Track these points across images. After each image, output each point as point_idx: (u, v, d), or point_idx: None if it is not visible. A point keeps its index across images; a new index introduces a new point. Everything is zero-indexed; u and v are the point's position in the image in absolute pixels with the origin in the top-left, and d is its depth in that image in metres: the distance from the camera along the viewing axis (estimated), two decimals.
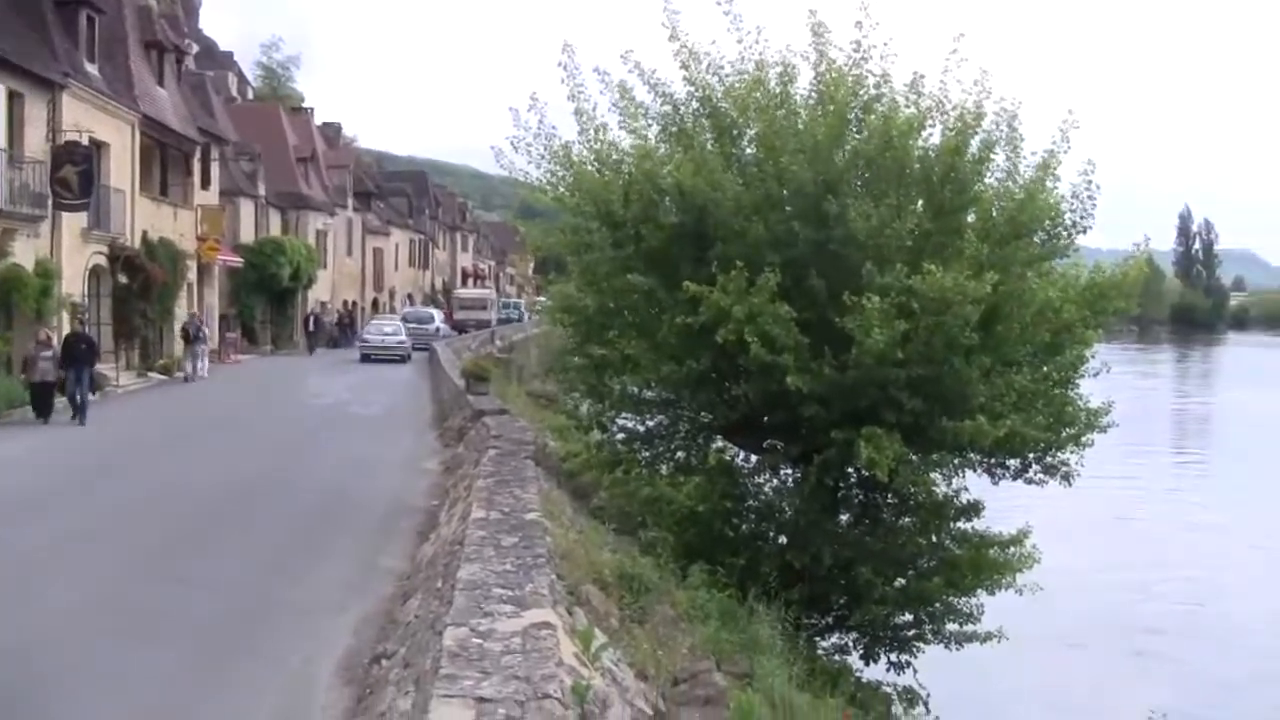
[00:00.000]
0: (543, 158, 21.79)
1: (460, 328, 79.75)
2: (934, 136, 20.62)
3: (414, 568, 14.21)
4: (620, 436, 22.70)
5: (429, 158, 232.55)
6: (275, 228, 67.88)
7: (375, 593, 13.43)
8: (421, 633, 9.62)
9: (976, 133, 20.31)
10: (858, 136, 20.44)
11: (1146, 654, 27.68)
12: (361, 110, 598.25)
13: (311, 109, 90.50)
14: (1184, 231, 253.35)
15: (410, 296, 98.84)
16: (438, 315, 78.98)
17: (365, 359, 58.19)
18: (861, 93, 20.54)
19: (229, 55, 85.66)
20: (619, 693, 9.27)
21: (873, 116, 20.40)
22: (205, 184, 54.61)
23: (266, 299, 64.75)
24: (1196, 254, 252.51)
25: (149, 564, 14.82)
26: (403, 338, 61.36)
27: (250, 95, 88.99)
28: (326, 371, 50.27)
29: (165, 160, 49.63)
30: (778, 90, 20.95)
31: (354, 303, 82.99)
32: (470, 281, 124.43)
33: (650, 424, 22.56)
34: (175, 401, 37.55)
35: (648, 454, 22.22)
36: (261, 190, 65.41)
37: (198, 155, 53.06)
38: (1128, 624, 29.60)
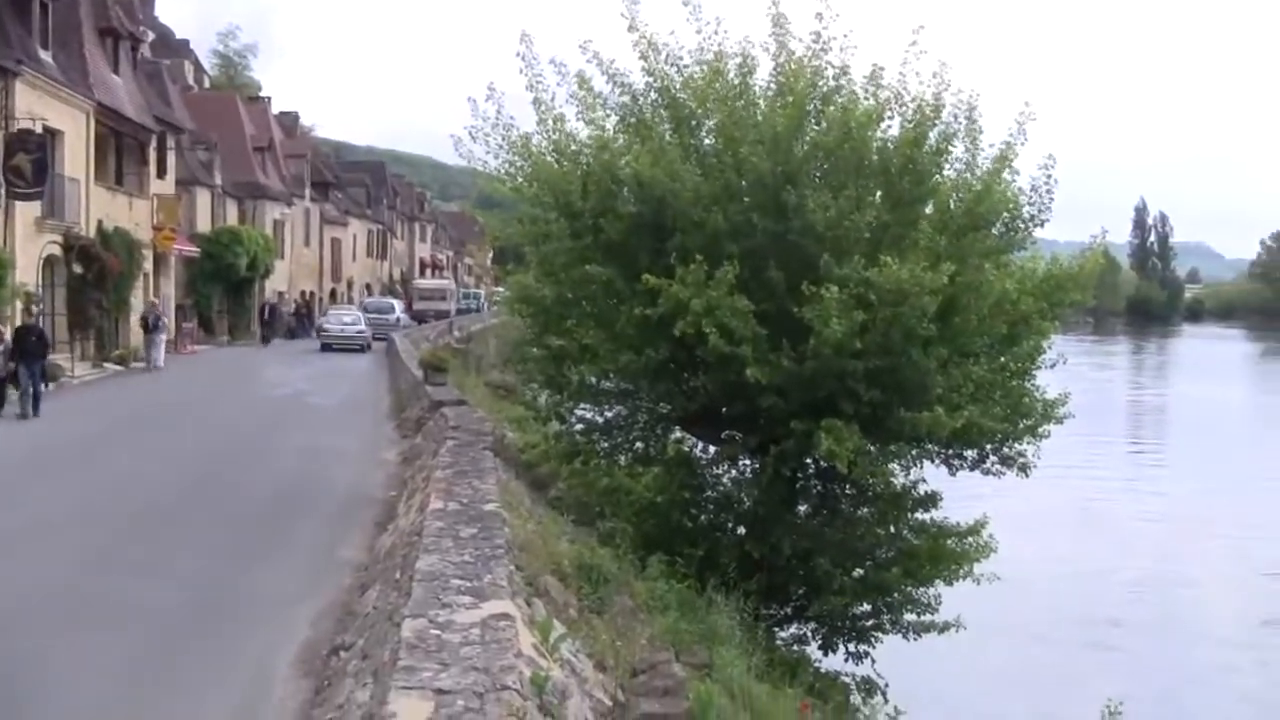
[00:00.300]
0: (501, 148, 21.71)
1: (420, 318, 79.87)
2: (893, 128, 20.68)
3: (372, 559, 14.17)
4: (579, 427, 22.66)
5: (387, 148, 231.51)
6: (232, 217, 67.55)
7: (333, 584, 13.38)
8: (380, 624, 9.59)
9: (935, 124, 20.35)
10: (817, 128, 20.44)
11: (1106, 645, 27.87)
12: (319, 100, 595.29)
13: (269, 98, 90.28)
14: (1139, 224, 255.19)
15: (368, 287, 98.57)
16: (398, 305, 79.03)
17: (325, 348, 58.61)
18: (821, 84, 20.56)
19: (185, 43, 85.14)
20: (578, 684, 9.27)
21: (832, 108, 20.40)
22: (161, 173, 54.24)
23: (223, 289, 64.33)
24: (1152, 246, 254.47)
25: (106, 555, 14.72)
26: (362, 327, 61.77)
27: (207, 84, 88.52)
28: (284, 362, 50.01)
29: (121, 149, 49.24)
30: (737, 81, 20.93)
31: (311, 293, 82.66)
32: (429, 272, 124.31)
33: (609, 415, 22.53)
34: (131, 392, 37.23)
35: (606, 445, 22.19)
36: (218, 180, 65.06)
37: (153, 144, 52.66)
38: (1087, 615, 29.82)
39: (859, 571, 20.74)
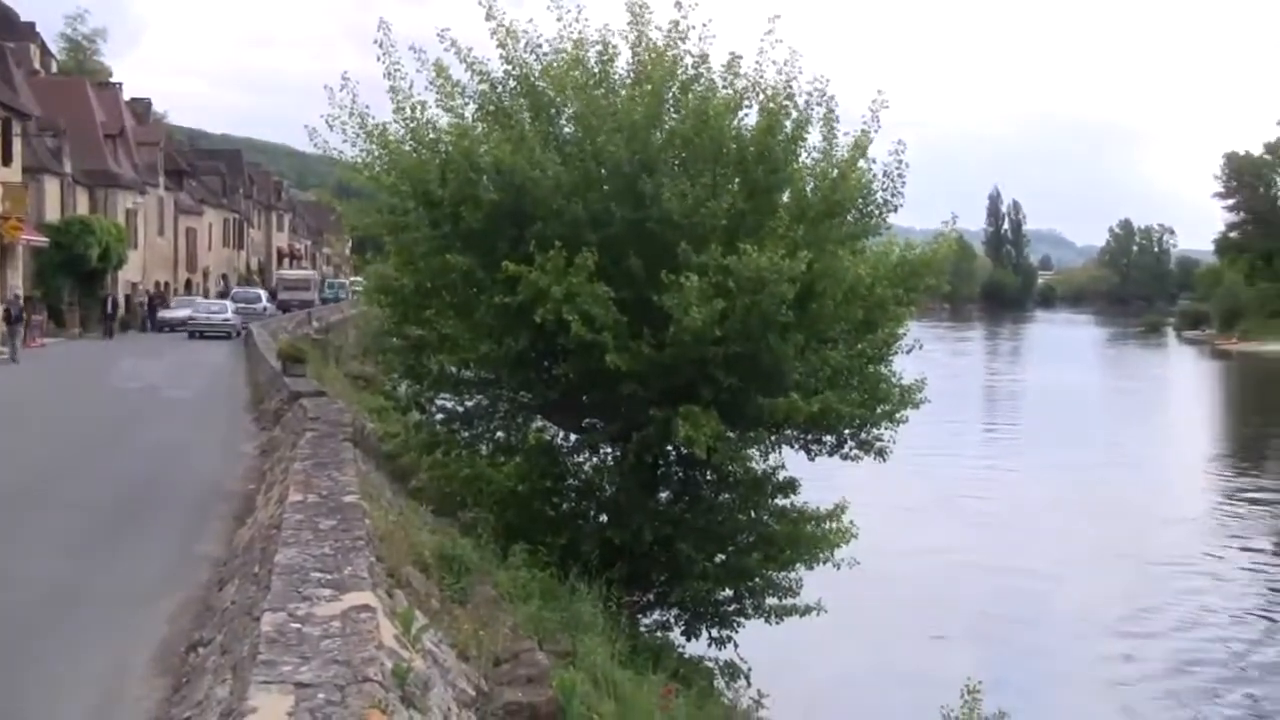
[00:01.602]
0: (358, 136, 21.51)
1: (285, 307, 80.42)
2: (750, 117, 20.82)
3: (230, 553, 13.98)
4: (439, 417, 22.56)
5: (243, 135, 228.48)
6: (83, 206, 66.13)
7: (191, 580, 13.18)
8: (239, 619, 9.49)
9: (789, 113, 20.54)
10: (675, 116, 20.54)
11: (966, 628, 28.42)
12: (172, 86, 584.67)
13: (120, 84, 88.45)
14: (994, 212, 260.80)
15: (224, 277, 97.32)
16: (264, 295, 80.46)
17: (193, 336, 60.89)
18: (679, 73, 20.65)
19: (30, 26, 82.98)
20: (440, 674, 9.26)
21: (690, 96, 20.53)
22: (6, 160, 52.96)
23: (74, 281, 62.96)
24: (1006, 234, 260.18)
25: None
26: (228, 316, 64.29)
27: (54, 69, 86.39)
28: (138, 354, 49.08)
29: None
30: (596, 69, 20.95)
31: (166, 284, 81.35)
32: (289, 262, 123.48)
33: (469, 404, 22.44)
34: None
35: (467, 434, 22.11)
36: (67, 167, 63.65)
37: None
38: (948, 598, 30.31)
39: (720, 557, 20.89)
